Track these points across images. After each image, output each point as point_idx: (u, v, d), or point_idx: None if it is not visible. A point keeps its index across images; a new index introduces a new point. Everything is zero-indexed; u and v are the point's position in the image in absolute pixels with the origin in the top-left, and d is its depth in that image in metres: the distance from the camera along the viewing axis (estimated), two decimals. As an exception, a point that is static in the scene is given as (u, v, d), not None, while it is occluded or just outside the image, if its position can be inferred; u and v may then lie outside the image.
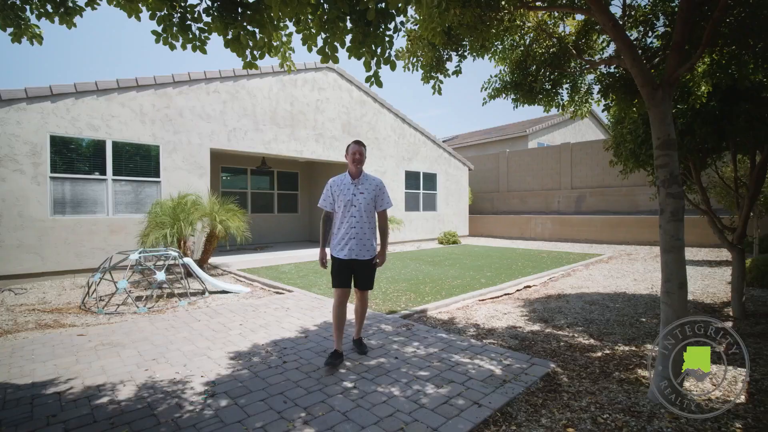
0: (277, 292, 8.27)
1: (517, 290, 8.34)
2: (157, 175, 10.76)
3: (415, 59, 4.80)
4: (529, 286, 8.70)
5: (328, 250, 4.64)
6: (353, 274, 4.55)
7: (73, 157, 9.60)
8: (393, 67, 2.96)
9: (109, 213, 10.00)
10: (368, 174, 4.64)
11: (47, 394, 3.78)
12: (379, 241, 4.70)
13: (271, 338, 5.30)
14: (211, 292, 8.22)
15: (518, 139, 25.51)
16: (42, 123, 9.14)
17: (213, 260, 11.73)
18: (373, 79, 3.12)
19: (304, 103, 13.89)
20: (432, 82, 4.85)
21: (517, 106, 5.98)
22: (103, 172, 9.95)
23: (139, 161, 10.51)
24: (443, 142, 24.65)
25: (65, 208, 9.47)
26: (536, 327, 5.79)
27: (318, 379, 4.04)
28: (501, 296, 7.88)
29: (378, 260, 4.66)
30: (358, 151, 4.52)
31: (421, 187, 18.38)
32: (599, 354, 4.72)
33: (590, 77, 5.81)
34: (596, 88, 5.80)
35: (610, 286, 8.53)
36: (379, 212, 4.63)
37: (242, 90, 12.36)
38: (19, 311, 6.95)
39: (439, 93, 5.06)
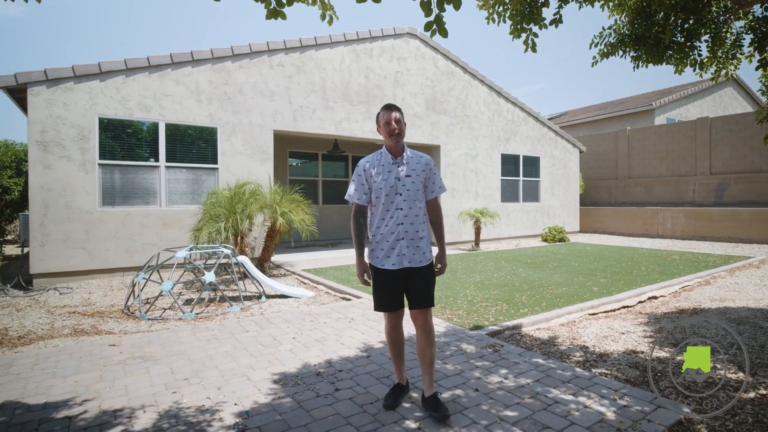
0: (344, 298, 8.04)
1: (639, 302, 7.66)
2: (215, 161, 10.87)
3: (501, 7, 4.24)
4: (654, 297, 7.98)
5: (368, 259, 3.93)
6: (406, 290, 3.80)
7: (123, 141, 9.84)
8: (457, 6, 2.47)
9: (161, 204, 10.20)
10: (413, 150, 3.90)
11: (57, 418, 3.65)
12: (434, 239, 4.05)
13: (326, 356, 5.00)
14: (268, 296, 8.12)
15: (642, 114, 24.07)
16: (90, 104, 9.41)
17: (277, 258, 11.73)
18: (435, 25, 2.63)
19: (380, 76, 13.62)
20: (524, 36, 4.28)
21: (638, 66, 5.33)
22: (156, 158, 10.16)
23: (194, 145, 10.66)
24: (549, 119, 23.59)
25: (114, 199, 9.74)
26: (663, 353, 5.08)
27: (374, 416, 3.65)
28: (618, 309, 7.23)
29: (440, 266, 3.92)
30: (393, 119, 3.73)
31: (520, 173, 17.69)
32: (752, 395, 3.99)
33: (739, 24, 4.99)
34: (747, 38, 4.96)
35: (765, 299, 7.55)
36: (431, 200, 3.94)
37: (310, 62, 12.25)
38: (59, 314, 7.12)
39: (533, 50, 4.48)
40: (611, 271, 10.25)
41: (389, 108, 3.78)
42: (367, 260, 3.88)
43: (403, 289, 3.79)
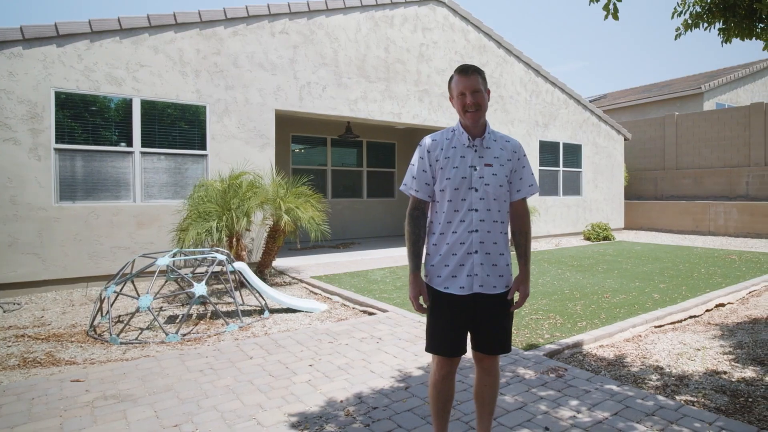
0: (365, 312, 6.96)
1: (707, 311, 7.05)
2: (203, 146, 9.28)
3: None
4: (722, 305, 7.34)
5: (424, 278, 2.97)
6: (473, 325, 2.86)
7: (87, 121, 8.28)
8: None
9: (136, 198, 8.61)
10: (497, 131, 2.95)
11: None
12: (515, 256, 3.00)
13: (355, 389, 4.17)
14: (272, 311, 6.92)
15: (689, 99, 22.57)
16: (44, 75, 7.78)
17: (279, 263, 10.13)
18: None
19: (403, 49, 11.99)
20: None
21: (727, 40, 5.21)
22: (129, 143, 8.57)
23: (177, 127, 9.12)
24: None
25: (76, 192, 8.16)
26: (749, 372, 4.61)
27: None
28: (685, 320, 6.62)
29: (519, 295, 2.92)
30: (469, 87, 2.77)
31: (560, 163, 16.14)
32: None
33: None
34: None
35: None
36: (517, 202, 2.99)
37: (319, 30, 10.56)
38: (2, 338, 5.72)
39: (615, 17, 4.28)
40: (669, 275, 9.49)
41: (464, 72, 2.82)
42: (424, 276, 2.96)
43: (469, 324, 2.87)
